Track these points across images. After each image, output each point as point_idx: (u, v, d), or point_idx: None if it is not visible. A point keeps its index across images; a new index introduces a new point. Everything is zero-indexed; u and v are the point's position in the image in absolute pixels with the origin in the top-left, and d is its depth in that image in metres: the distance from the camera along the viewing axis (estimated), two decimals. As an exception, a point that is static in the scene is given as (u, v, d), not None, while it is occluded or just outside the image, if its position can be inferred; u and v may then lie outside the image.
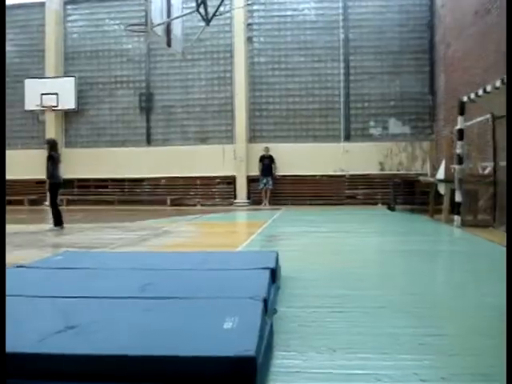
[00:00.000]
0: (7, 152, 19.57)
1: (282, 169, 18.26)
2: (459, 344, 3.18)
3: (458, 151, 10.60)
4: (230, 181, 18.79)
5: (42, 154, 16.52)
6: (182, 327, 2.74)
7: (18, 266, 4.84)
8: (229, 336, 2.54)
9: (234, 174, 18.64)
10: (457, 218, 10.49)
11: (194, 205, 18.65)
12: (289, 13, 18.66)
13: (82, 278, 4.26)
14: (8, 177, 19.39)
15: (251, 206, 18.13)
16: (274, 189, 18.23)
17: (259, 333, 2.58)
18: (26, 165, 19.33)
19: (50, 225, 10.89)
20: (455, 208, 10.66)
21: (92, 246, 7.99)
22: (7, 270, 4.68)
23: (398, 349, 3.09)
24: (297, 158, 18.16)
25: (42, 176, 11.51)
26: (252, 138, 18.78)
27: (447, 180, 11.62)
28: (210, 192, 18.98)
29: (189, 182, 18.91)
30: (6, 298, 3.46)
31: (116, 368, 2.25)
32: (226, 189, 18.92)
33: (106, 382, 2.25)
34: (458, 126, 10.74)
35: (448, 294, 4.82)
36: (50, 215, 10.93)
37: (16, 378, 2.28)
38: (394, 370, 2.74)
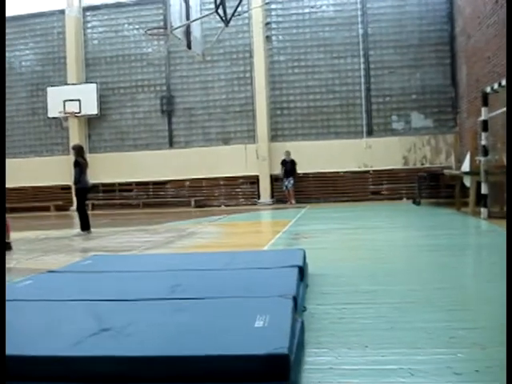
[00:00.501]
0: (32, 159, 20.04)
1: (305, 166, 18.21)
2: (492, 337, 3.15)
3: (483, 143, 10.50)
4: (254, 180, 18.81)
5: (66, 160, 16.74)
6: (214, 327, 2.75)
7: (49, 271, 4.91)
8: (261, 334, 2.54)
9: (257, 173, 18.65)
10: (483, 210, 10.40)
11: (218, 206, 18.71)
12: (307, 10, 18.63)
13: (113, 281, 4.30)
14: (34, 183, 19.82)
15: (275, 205, 18.12)
16: (295, 187, 18.19)
17: (291, 331, 2.58)
18: (51, 171, 19.59)
19: (77, 230, 11.00)
20: (481, 200, 10.56)
21: (119, 250, 8.05)
22: (39, 276, 4.76)
23: (430, 343, 3.07)
24: (319, 156, 18.12)
25: (68, 182, 11.64)
26: (274, 136, 18.79)
27: (473, 172, 11.50)
28: (233, 192, 19.03)
29: (212, 183, 18.98)
30: (40, 302, 3.52)
31: (151, 368, 2.27)
32: (249, 189, 18.95)
33: (141, 382, 2.27)
34: (482, 118, 10.64)
35: (478, 287, 4.79)
36: (77, 220, 11.04)
37: (53, 381, 2.31)
38: (427, 365, 2.72)
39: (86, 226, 10.82)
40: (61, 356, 2.36)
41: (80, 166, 10.92)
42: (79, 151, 11.24)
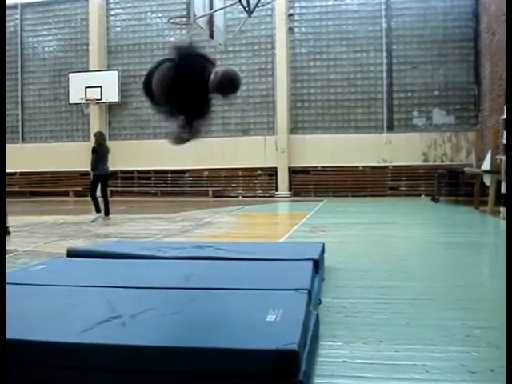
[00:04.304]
0: (52, 144, 20.19)
1: (324, 160, 18.15)
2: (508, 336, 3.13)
3: (505, 141, 10.39)
4: (272, 172, 18.79)
5: (86, 147, 16.82)
6: (225, 319, 2.74)
7: (68, 251, 4.94)
8: (272, 329, 2.51)
9: (276, 165, 18.63)
10: (503, 209, 10.30)
11: (236, 196, 18.73)
12: (330, 3, 18.51)
13: (127, 268, 4.30)
14: (53, 169, 19.97)
15: (293, 197, 18.11)
16: (316, 180, 18.20)
17: (303, 326, 2.55)
18: (70, 157, 19.71)
19: (93, 215, 11.09)
20: (501, 199, 10.47)
21: (137, 237, 8.10)
22: (53, 260, 4.80)
23: (445, 340, 3.06)
24: (339, 149, 18.05)
25: (87, 168, 11.72)
26: (293, 129, 18.74)
27: (493, 171, 11.40)
28: (251, 184, 19.02)
29: (230, 174, 18.98)
30: (52, 287, 3.54)
31: (157, 358, 2.26)
32: (267, 180, 18.94)
33: (146, 372, 2.27)
34: (505, 116, 10.53)
35: (495, 286, 4.75)
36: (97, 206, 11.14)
37: (58, 368, 2.33)
38: (442, 362, 2.72)
39: (97, 209, 10.97)
40: (67, 342, 2.36)
41: (95, 153, 11.10)
42: (98, 138, 11.43)
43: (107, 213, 11.04)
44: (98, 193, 11.37)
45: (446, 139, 17.67)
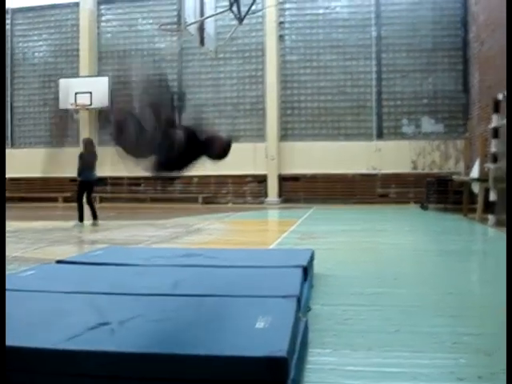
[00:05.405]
0: (42, 150, 20.06)
1: (314, 167, 18.18)
2: (496, 343, 3.14)
3: (493, 150, 10.46)
4: (262, 179, 18.80)
5: (76, 153, 16.77)
6: (214, 326, 2.70)
7: (57, 261, 4.91)
8: (261, 336, 2.49)
9: (266, 172, 18.64)
10: (491, 217, 10.37)
11: (226, 203, 18.72)
12: (321, 11, 18.59)
13: (116, 274, 4.26)
14: (43, 174, 19.83)
15: (282, 204, 18.11)
16: (305, 187, 18.24)
17: (292, 333, 2.53)
18: (60, 163, 19.59)
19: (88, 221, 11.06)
20: (489, 207, 10.53)
21: (126, 243, 8.08)
22: (42, 266, 4.77)
23: (434, 347, 3.07)
24: (328, 157, 18.08)
25: (75, 174, 11.67)
26: (283, 136, 18.76)
27: (481, 179, 11.47)
28: (241, 190, 19.01)
29: (220, 181, 18.95)
30: (40, 293, 3.50)
31: (146, 365, 2.24)
32: (257, 187, 18.93)
33: (136, 379, 2.25)
34: (493, 125, 10.61)
35: (484, 293, 4.78)
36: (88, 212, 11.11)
37: (47, 374, 2.31)
38: (430, 369, 2.73)
39: (80, 218, 10.92)
40: (55, 349, 2.34)
41: (82, 159, 11.15)
42: (85, 145, 11.48)
43: (95, 217, 11.01)
44: (85, 199, 11.34)
45: (434, 147, 17.76)
